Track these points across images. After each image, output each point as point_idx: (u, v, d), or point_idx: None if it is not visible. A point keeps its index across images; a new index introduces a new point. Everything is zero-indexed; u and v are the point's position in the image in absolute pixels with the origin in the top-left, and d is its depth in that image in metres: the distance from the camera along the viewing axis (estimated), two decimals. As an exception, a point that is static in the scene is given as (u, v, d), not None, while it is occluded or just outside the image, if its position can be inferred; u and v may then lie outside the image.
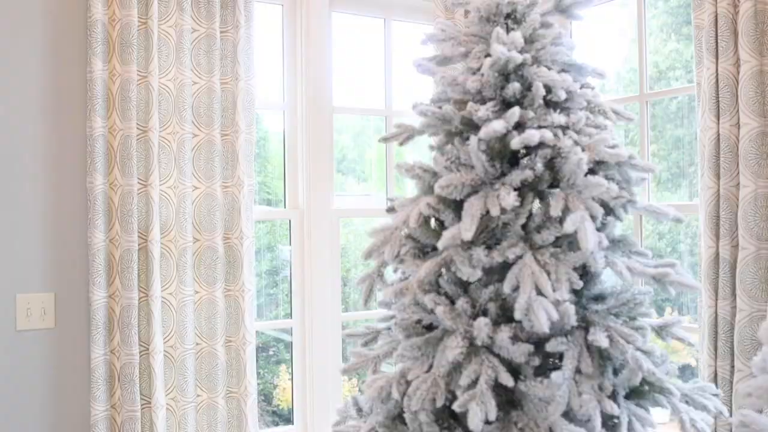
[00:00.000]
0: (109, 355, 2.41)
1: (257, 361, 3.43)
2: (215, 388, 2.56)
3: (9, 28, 2.35)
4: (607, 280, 1.62)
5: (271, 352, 4.83)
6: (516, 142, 1.38)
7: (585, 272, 1.53)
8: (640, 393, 1.49)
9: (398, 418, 1.50)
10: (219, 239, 2.55)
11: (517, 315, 1.32)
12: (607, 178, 1.48)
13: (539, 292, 1.35)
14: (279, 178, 2.99)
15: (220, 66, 2.57)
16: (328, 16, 2.90)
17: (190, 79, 2.52)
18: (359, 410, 1.65)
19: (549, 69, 1.53)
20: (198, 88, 2.54)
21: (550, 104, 1.52)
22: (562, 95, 1.48)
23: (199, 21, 2.55)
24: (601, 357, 1.43)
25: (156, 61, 2.44)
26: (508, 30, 1.59)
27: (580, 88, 1.55)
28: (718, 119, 2.27)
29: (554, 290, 1.35)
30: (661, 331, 1.59)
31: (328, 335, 2.85)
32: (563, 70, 1.60)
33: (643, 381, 1.48)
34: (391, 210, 1.64)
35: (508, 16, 1.60)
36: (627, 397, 1.50)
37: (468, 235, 1.35)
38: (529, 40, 1.54)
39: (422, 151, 1.82)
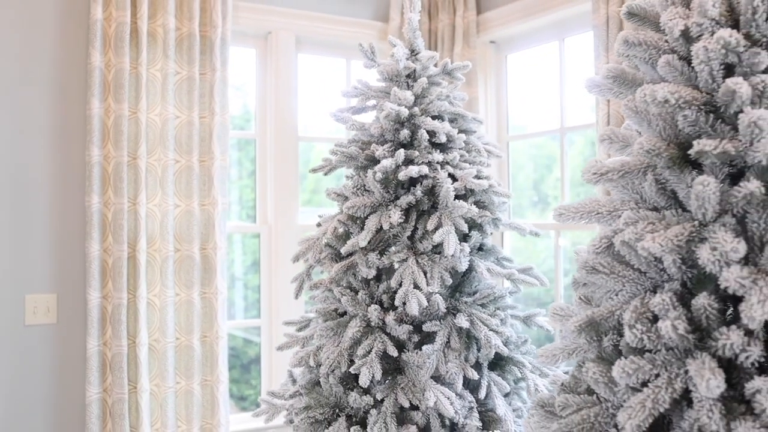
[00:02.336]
0: (102, 346, 2.92)
1: (249, 372, 3.91)
2: (192, 376, 3.06)
3: (23, 73, 2.88)
4: (499, 284, 2.13)
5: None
6: (401, 175, 1.90)
7: (464, 274, 2.04)
8: (500, 365, 1.99)
9: (317, 383, 2.00)
10: (196, 249, 3.07)
11: (397, 302, 1.83)
12: (477, 202, 2.00)
13: (417, 286, 1.86)
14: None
15: (199, 103, 3.10)
16: (294, 57, 3.43)
17: (173, 114, 3.05)
18: (294, 381, 2.16)
19: (435, 118, 2.05)
20: (180, 122, 3.07)
21: (435, 145, 2.03)
22: (443, 138, 2.00)
23: (182, 65, 3.08)
24: (468, 337, 1.94)
25: (144, 99, 2.97)
26: (408, 87, 2.11)
27: (459, 132, 2.07)
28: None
29: (428, 285, 1.86)
30: (526, 320, 2.10)
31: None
32: (452, 120, 2.12)
33: (503, 356, 1.98)
34: (319, 225, 2.15)
35: (408, 76, 2.13)
36: (491, 368, 2.00)
37: (363, 243, 1.86)
38: (420, 96, 2.06)
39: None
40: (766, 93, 1.30)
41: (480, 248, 2.05)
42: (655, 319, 1.35)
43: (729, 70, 1.37)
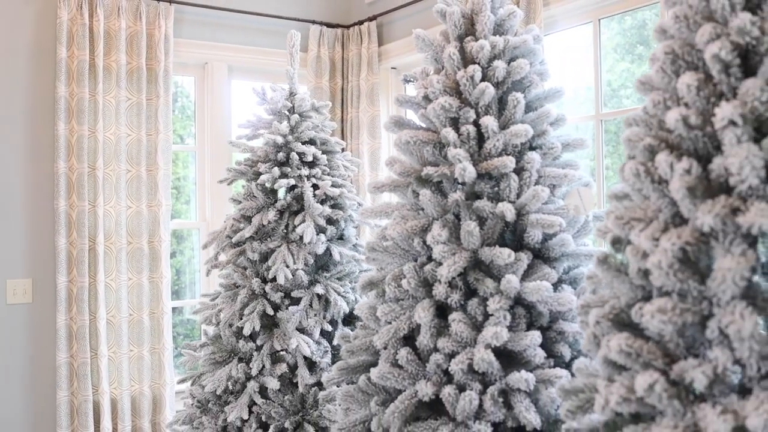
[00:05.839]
0: (69, 321, 3.71)
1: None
2: (142, 344, 3.86)
3: (3, 103, 3.66)
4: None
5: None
6: (276, 185, 2.70)
7: (329, 256, 2.85)
8: (352, 321, 2.80)
9: (219, 336, 2.81)
10: (145, 242, 3.86)
11: (270, 275, 2.63)
12: (335, 205, 2.80)
13: (287, 265, 2.66)
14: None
15: (146, 123, 3.90)
16: (228, 83, 4.23)
17: (125, 133, 3.83)
18: (207, 336, 2.96)
19: (307, 143, 2.85)
20: (131, 139, 3.86)
21: (305, 163, 2.84)
22: (310, 158, 2.80)
23: (132, 93, 3.87)
24: (326, 301, 2.74)
25: (101, 121, 3.76)
26: (289, 119, 2.91)
27: (323, 153, 2.87)
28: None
29: (294, 264, 2.67)
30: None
31: (227, 311, 4.15)
32: (322, 143, 2.92)
33: (351, 315, 2.79)
34: (225, 221, 2.95)
35: (289, 110, 2.93)
36: (346, 324, 2.81)
37: (248, 234, 2.67)
38: (295, 127, 2.86)
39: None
40: (470, 136, 2.11)
41: (340, 237, 2.85)
42: (408, 279, 2.15)
43: (456, 121, 2.18)
